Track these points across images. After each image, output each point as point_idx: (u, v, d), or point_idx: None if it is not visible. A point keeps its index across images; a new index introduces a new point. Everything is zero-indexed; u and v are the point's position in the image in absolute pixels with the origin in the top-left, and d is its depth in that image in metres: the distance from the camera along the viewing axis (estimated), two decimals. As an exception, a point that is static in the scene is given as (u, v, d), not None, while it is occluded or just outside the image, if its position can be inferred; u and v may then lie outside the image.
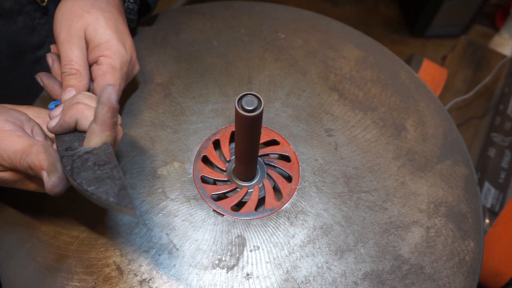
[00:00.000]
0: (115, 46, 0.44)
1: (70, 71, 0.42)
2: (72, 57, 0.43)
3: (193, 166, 0.47)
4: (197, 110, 0.52)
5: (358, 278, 0.41)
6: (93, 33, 0.44)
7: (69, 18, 0.44)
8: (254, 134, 0.39)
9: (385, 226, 0.45)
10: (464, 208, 0.47)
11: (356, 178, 0.48)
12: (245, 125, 0.37)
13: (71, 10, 0.44)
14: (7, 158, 0.35)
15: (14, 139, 0.35)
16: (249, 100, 0.35)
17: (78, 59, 0.43)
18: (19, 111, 0.40)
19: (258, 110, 0.35)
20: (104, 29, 0.44)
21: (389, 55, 0.61)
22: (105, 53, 0.43)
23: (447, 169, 0.50)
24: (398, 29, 1.82)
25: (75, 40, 0.43)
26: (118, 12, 0.48)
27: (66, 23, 0.43)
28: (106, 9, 0.46)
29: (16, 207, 0.45)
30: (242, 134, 0.39)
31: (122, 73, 0.44)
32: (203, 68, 0.56)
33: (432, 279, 0.42)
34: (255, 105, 0.35)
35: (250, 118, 0.35)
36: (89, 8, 0.45)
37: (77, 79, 0.42)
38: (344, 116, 0.53)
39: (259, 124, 0.38)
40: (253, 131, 0.38)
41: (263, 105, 0.35)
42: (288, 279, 0.41)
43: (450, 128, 0.53)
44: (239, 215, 0.44)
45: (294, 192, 0.46)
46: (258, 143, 0.41)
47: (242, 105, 0.35)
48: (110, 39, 0.44)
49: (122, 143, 0.48)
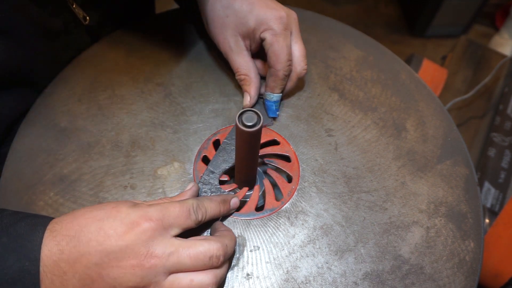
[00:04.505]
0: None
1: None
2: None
3: (193, 166, 0.47)
4: (197, 110, 0.52)
5: (358, 278, 0.41)
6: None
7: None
8: (254, 148, 0.40)
9: (385, 226, 0.45)
10: (464, 208, 0.47)
11: (356, 178, 0.48)
12: (245, 139, 0.38)
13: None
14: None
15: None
16: (249, 116, 0.37)
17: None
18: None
19: (258, 126, 0.37)
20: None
21: (389, 55, 0.61)
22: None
23: (447, 169, 0.50)
24: (398, 29, 1.82)
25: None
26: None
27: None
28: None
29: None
30: (242, 147, 0.40)
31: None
32: (203, 68, 0.56)
33: (432, 279, 0.42)
34: (254, 121, 0.36)
35: (250, 133, 0.37)
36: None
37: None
38: (344, 116, 0.53)
39: (258, 138, 0.39)
40: (253, 145, 0.40)
41: (262, 121, 0.37)
42: (288, 279, 0.41)
43: (450, 128, 0.53)
44: (239, 215, 0.44)
45: (294, 192, 0.46)
46: (257, 155, 0.42)
47: (242, 121, 0.37)
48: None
49: (123, 143, 0.48)
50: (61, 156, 0.47)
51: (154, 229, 0.34)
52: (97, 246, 0.32)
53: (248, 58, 0.51)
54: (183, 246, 0.34)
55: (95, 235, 0.33)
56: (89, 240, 0.32)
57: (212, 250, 0.35)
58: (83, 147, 0.48)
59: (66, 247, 0.32)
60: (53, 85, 0.53)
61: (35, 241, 0.32)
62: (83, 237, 0.32)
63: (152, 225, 0.34)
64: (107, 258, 0.32)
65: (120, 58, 0.56)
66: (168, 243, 0.34)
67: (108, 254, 0.32)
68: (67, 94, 0.52)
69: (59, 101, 0.51)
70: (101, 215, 0.34)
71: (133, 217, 0.34)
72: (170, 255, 0.33)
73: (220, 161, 0.47)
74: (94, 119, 0.50)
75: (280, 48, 0.48)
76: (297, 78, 0.51)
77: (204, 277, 0.35)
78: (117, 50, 0.57)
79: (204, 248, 0.35)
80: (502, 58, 1.17)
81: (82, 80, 0.53)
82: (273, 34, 0.48)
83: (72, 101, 0.51)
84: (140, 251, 0.33)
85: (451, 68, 1.17)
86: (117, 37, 0.59)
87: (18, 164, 0.46)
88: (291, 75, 0.51)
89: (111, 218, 0.33)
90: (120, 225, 0.33)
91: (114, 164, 0.47)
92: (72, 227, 0.33)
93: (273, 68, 0.49)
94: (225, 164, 0.47)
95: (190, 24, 0.61)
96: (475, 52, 1.21)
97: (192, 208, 0.37)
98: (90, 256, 0.32)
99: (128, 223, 0.33)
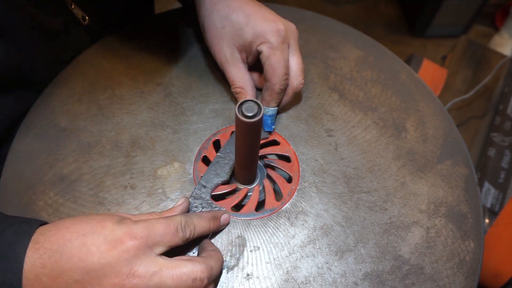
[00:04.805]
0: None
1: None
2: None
3: (193, 167, 0.47)
4: (197, 110, 0.52)
5: (358, 279, 0.41)
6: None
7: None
8: (254, 139, 0.39)
9: (385, 227, 0.45)
10: (464, 208, 0.47)
11: (356, 178, 0.48)
12: (245, 131, 0.37)
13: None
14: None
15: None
16: (249, 106, 0.35)
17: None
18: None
19: (258, 116, 0.35)
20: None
21: (389, 55, 0.61)
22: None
23: (447, 169, 0.50)
24: (398, 29, 1.82)
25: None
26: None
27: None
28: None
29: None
30: (242, 140, 0.39)
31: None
32: (203, 68, 0.56)
33: (432, 280, 0.42)
34: (255, 111, 0.35)
35: (251, 124, 0.36)
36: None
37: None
38: (344, 116, 0.53)
39: (259, 129, 0.38)
40: (253, 136, 0.38)
41: (263, 111, 0.36)
42: (288, 279, 0.41)
43: (450, 128, 0.53)
44: (239, 216, 0.44)
45: (294, 192, 0.46)
46: (258, 148, 0.41)
47: (242, 111, 0.35)
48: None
49: (123, 143, 0.48)
50: (61, 156, 0.47)
51: (137, 247, 0.33)
52: (78, 263, 0.32)
53: (244, 70, 0.50)
54: (166, 266, 0.34)
55: (77, 251, 0.32)
56: (71, 256, 0.32)
57: (196, 272, 0.34)
58: (83, 147, 0.48)
59: (48, 261, 0.32)
60: (53, 85, 0.53)
61: (18, 253, 0.32)
62: (66, 252, 0.32)
63: (136, 244, 0.33)
64: (88, 275, 0.32)
65: (120, 58, 0.56)
66: (152, 262, 0.33)
67: (89, 272, 0.32)
68: (67, 94, 0.52)
69: (59, 101, 0.51)
70: (86, 230, 0.33)
71: (118, 234, 0.33)
72: (153, 275, 0.33)
73: (213, 175, 0.46)
74: (94, 119, 0.50)
75: (277, 62, 0.47)
76: (293, 92, 0.50)
77: None
78: (117, 50, 0.57)
79: (188, 269, 0.34)
80: (502, 58, 1.17)
81: (82, 80, 0.53)
82: (270, 47, 0.47)
83: (72, 101, 0.51)
84: (122, 270, 0.32)
85: (451, 68, 1.17)
86: (117, 38, 0.59)
87: (18, 164, 0.46)
88: (287, 89, 0.50)
89: (96, 234, 0.33)
90: (103, 242, 0.33)
91: (114, 164, 0.47)
92: (55, 241, 0.33)
93: (270, 81, 0.48)
94: (217, 179, 0.46)
95: (190, 24, 0.61)
96: (475, 52, 1.21)
97: (180, 225, 0.36)
98: (71, 272, 0.32)
99: (112, 240, 0.33)
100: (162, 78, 0.55)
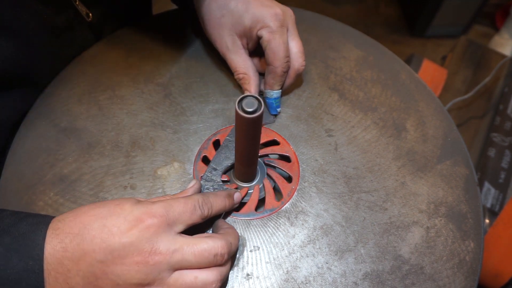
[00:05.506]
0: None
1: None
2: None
3: (193, 167, 0.47)
4: (197, 110, 0.52)
5: (358, 279, 0.41)
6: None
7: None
8: (254, 136, 0.39)
9: (385, 227, 0.45)
10: (464, 208, 0.47)
11: (356, 178, 0.48)
12: (245, 127, 0.37)
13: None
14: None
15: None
16: (249, 101, 0.35)
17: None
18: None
19: (258, 112, 0.35)
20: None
21: (389, 55, 0.61)
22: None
23: (447, 169, 0.50)
24: (398, 29, 1.82)
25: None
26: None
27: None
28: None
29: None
30: (243, 136, 0.39)
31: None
32: (204, 68, 0.56)
33: (432, 280, 0.42)
34: (255, 107, 0.35)
35: (251, 120, 0.35)
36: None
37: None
38: (344, 116, 0.53)
39: (259, 125, 0.38)
40: (253, 132, 0.38)
41: (263, 106, 0.35)
42: (288, 279, 0.41)
43: (450, 128, 0.53)
44: (239, 215, 0.44)
45: (294, 192, 0.46)
46: (258, 144, 0.41)
47: (242, 107, 0.35)
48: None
49: (123, 143, 0.48)
50: (61, 156, 0.47)
51: (158, 225, 0.33)
52: (101, 243, 0.32)
53: (245, 56, 0.51)
54: (187, 244, 0.34)
55: (98, 232, 0.32)
56: (93, 238, 0.32)
57: (217, 248, 0.35)
58: (83, 147, 0.48)
59: (69, 245, 0.32)
60: (53, 85, 0.53)
61: (37, 240, 0.32)
62: (87, 235, 0.32)
63: (156, 222, 0.33)
64: (111, 255, 0.32)
65: (120, 58, 0.56)
66: (172, 240, 0.34)
67: (112, 251, 0.32)
68: (67, 94, 0.52)
69: (59, 101, 0.51)
70: (104, 213, 0.34)
71: (137, 214, 0.33)
72: (174, 252, 0.33)
73: (223, 158, 0.48)
74: (94, 119, 0.50)
75: (277, 45, 0.48)
76: (295, 74, 0.51)
77: (209, 275, 0.35)
78: (117, 50, 0.57)
79: (208, 245, 0.35)
80: (502, 58, 1.17)
81: (82, 80, 0.53)
82: (270, 31, 0.48)
83: (72, 101, 0.51)
84: (144, 248, 0.33)
85: (451, 68, 1.17)
86: (117, 37, 0.59)
87: (18, 164, 0.46)
88: (289, 71, 0.51)
89: (115, 216, 0.33)
90: (123, 222, 0.33)
91: (114, 164, 0.47)
92: (75, 225, 0.33)
93: (272, 65, 0.49)
94: (227, 161, 0.47)
95: (189, 24, 0.61)
96: (475, 52, 1.21)
97: (198, 203, 0.37)
98: (94, 253, 0.32)
99: (132, 220, 0.33)
100: (162, 78, 0.55)
